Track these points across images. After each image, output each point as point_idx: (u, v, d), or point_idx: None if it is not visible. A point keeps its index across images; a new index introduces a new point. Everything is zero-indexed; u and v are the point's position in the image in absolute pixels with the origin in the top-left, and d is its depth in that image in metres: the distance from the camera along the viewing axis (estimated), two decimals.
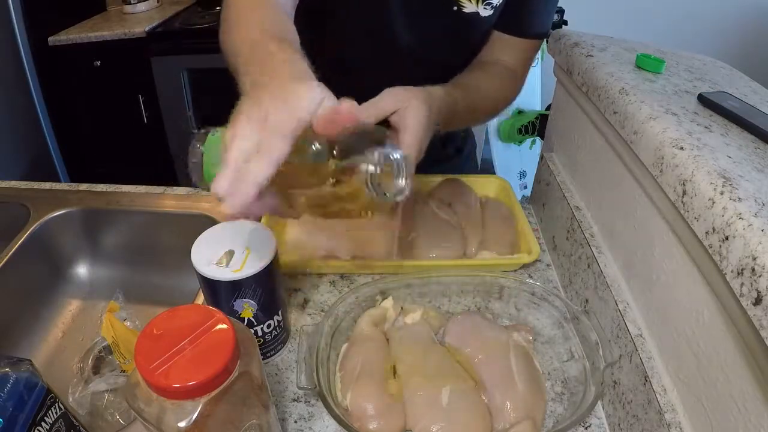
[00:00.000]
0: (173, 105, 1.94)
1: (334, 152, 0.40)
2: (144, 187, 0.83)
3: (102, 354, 0.63)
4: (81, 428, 0.44)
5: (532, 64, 0.78)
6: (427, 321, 0.57)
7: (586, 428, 0.51)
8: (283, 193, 0.41)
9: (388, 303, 0.58)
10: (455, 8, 0.68)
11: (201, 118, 1.96)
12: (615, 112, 0.50)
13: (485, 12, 0.69)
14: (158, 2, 2.14)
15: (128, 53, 1.87)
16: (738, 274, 0.31)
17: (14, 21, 1.82)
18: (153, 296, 0.76)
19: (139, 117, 2.00)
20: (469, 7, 0.68)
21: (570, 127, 0.69)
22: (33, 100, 1.98)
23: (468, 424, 0.46)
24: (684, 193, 0.38)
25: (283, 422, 0.50)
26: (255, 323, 0.52)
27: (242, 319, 0.50)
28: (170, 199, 0.80)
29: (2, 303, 0.67)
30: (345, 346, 0.54)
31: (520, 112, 2.09)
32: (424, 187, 0.78)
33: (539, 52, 2.29)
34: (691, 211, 0.37)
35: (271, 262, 0.49)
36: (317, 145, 0.40)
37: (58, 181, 1.98)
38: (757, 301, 0.29)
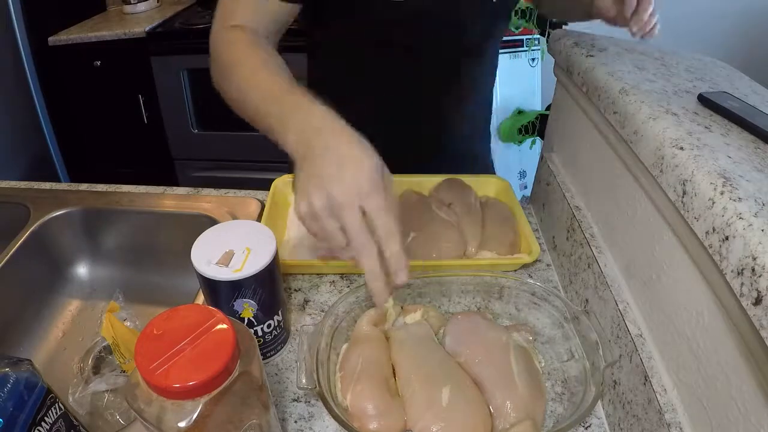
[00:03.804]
0: (173, 105, 1.94)
1: None
2: (144, 187, 0.83)
3: (102, 354, 0.64)
4: (81, 428, 0.44)
5: (532, 65, 0.79)
6: (427, 321, 0.57)
7: (586, 428, 0.51)
8: None
9: (388, 303, 0.57)
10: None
11: (201, 118, 1.96)
12: (615, 112, 0.50)
13: None
14: (158, 2, 2.14)
15: (128, 53, 1.87)
16: (738, 274, 0.31)
17: (14, 21, 1.82)
18: (153, 296, 0.76)
19: (139, 117, 2.00)
20: None
21: (570, 127, 0.69)
22: (33, 100, 1.98)
23: (468, 424, 0.46)
24: (684, 193, 0.38)
25: (283, 422, 0.50)
26: (255, 323, 0.52)
27: (242, 319, 0.50)
28: (170, 199, 0.80)
29: (2, 303, 0.67)
30: (345, 346, 0.54)
31: (520, 112, 2.09)
32: (425, 187, 0.78)
33: (539, 52, 2.29)
34: (691, 211, 0.37)
35: (271, 262, 0.49)
36: None
37: (58, 181, 1.98)
38: (757, 301, 0.29)
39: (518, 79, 2.10)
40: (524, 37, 2.06)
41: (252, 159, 1.97)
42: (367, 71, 0.76)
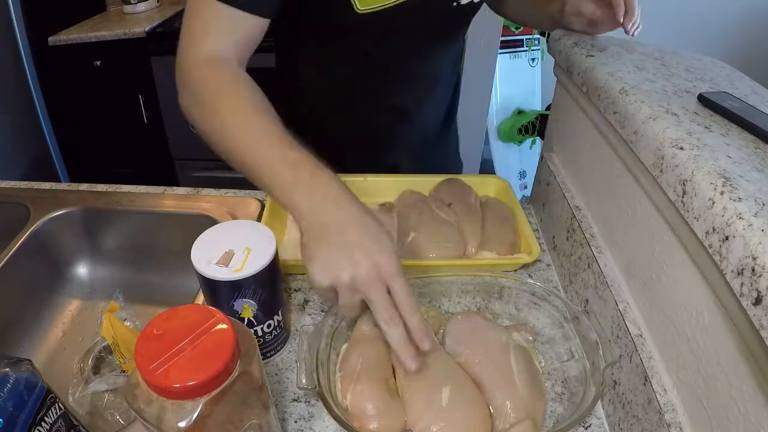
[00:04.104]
0: (173, 105, 1.93)
1: None
2: (144, 187, 0.83)
3: (102, 354, 0.64)
4: (81, 428, 0.44)
5: (532, 65, 0.80)
6: (426, 321, 0.57)
7: (586, 428, 0.51)
8: None
9: None
10: (454, 4, 0.69)
11: None
12: (615, 112, 0.50)
13: None
14: (158, 2, 2.14)
15: (128, 53, 1.87)
16: (738, 274, 0.31)
17: (14, 21, 1.82)
18: (153, 296, 0.76)
19: (139, 117, 2.00)
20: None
21: (570, 127, 0.69)
22: (33, 100, 1.98)
23: (468, 424, 0.46)
24: (684, 193, 0.38)
25: (283, 422, 0.50)
26: (255, 323, 0.52)
27: (242, 319, 0.50)
28: (170, 199, 0.80)
29: (2, 303, 0.67)
30: (345, 346, 0.54)
31: (520, 112, 2.10)
32: (424, 187, 0.78)
33: (539, 52, 2.29)
34: (691, 211, 0.37)
35: (271, 262, 0.49)
36: None
37: (58, 181, 1.98)
38: (757, 301, 0.29)
39: (518, 79, 2.10)
40: (524, 37, 2.06)
41: None
42: (330, 68, 0.76)
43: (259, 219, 0.74)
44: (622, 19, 0.60)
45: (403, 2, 0.64)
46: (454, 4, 0.68)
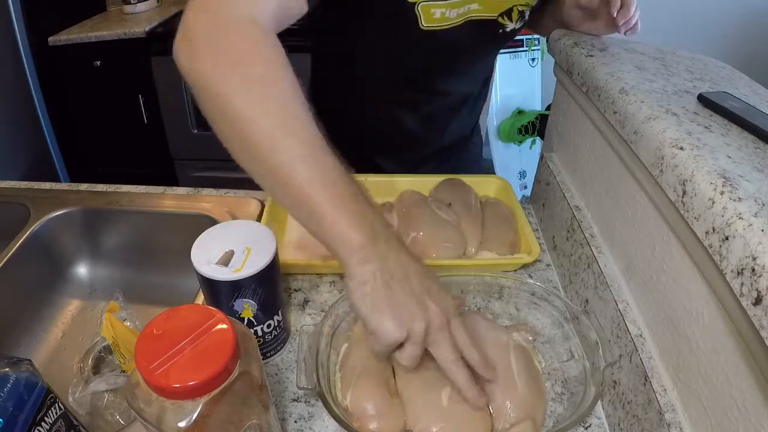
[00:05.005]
0: (173, 105, 1.94)
1: None
2: (144, 187, 0.83)
3: (102, 354, 0.64)
4: (81, 428, 0.44)
5: (532, 65, 0.81)
6: None
7: (586, 428, 0.51)
8: None
9: None
10: (500, 31, 0.71)
11: (201, 118, 1.96)
12: (615, 112, 0.50)
13: (519, 24, 0.71)
14: (158, 2, 2.14)
15: (128, 53, 1.87)
16: (738, 274, 0.31)
17: (14, 21, 1.82)
18: (153, 296, 0.76)
19: (139, 117, 2.00)
20: (509, 26, 0.71)
21: (570, 127, 0.69)
22: (33, 100, 1.98)
23: (468, 424, 0.46)
24: (684, 193, 0.38)
25: (283, 422, 0.50)
26: (255, 323, 0.52)
27: (242, 319, 0.50)
28: (170, 199, 0.80)
29: (2, 303, 0.67)
30: (345, 346, 0.54)
31: (520, 112, 2.10)
32: (425, 187, 0.78)
33: (539, 52, 2.29)
34: (691, 211, 0.37)
35: (271, 262, 0.49)
36: None
37: (58, 181, 1.98)
38: (757, 301, 0.29)
39: (518, 79, 2.10)
40: (524, 37, 2.06)
41: None
42: (370, 76, 0.77)
43: (259, 219, 0.74)
44: (615, 14, 0.60)
45: (460, 25, 0.66)
46: (500, 31, 0.70)
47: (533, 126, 2.03)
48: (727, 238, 0.32)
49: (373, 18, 0.67)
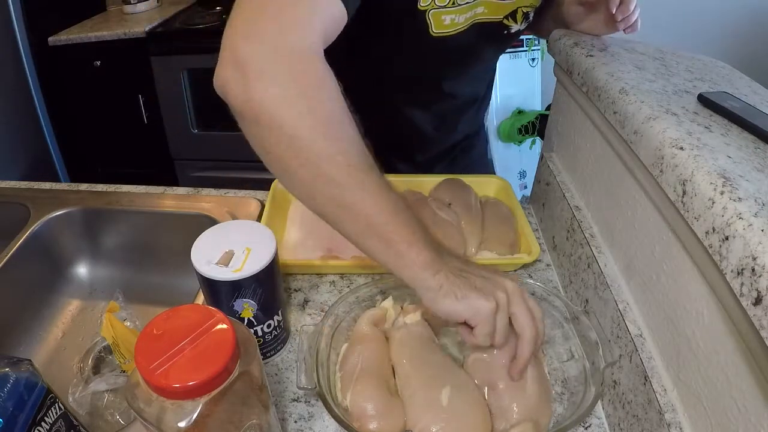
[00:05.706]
0: (173, 105, 1.94)
1: None
2: (144, 187, 0.83)
3: (102, 354, 0.64)
4: (81, 428, 0.44)
5: (532, 65, 0.82)
6: (427, 321, 0.57)
7: (586, 428, 0.51)
8: None
9: (388, 303, 0.58)
10: (505, 32, 0.72)
11: (201, 118, 1.96)
12: (615, 112, 0.50)
13: (523, 25, 0.72)
14: (158, 2, 2.14)
15: (128, 53, 1.87)
16: (738, 274, 0.31)
17: (14, 21, 1.82)
18: (153, 296, 0.76)
19: (139, 117, 2.00)
20: (514, 27, 0.71)
21: (570, 127, 0.69)
22: (33, 100, 1.98)
23: (468, 424, 0.46)
24: (684, 193, 0.38)
25: (283, 422, 0.50)
26: (255, 323, 0.52)
27: (242, 319, 0.50)
28: (170, 199, 0.80)
29: (2, 303, 0.67)
30: (345, 346, 0.54)
31: (520, 112, 2.09)
32: (424, 187, 0.78)
33: (539, 52, 2.29)
34: (691, 211, 0.37)
35: (271, 262, 0.49)
36: None
37: (58, 181, 1.98)
38: (757, 301, 0.29)
39: (518, 79, 2.10)
40: (524, 37, 2.06)
41: (252, 159, 1.94)
42: (379, 80, 0.78)
43: (259, 219, 0.74)
44: (614, 10, 0.61)
45: (467, 29, 0.67)
46: (505, 32, 0.71)
47: (533, 126, 2.03)
48: (727, 238, 0.32)
49: (387, 24, 0.68)
